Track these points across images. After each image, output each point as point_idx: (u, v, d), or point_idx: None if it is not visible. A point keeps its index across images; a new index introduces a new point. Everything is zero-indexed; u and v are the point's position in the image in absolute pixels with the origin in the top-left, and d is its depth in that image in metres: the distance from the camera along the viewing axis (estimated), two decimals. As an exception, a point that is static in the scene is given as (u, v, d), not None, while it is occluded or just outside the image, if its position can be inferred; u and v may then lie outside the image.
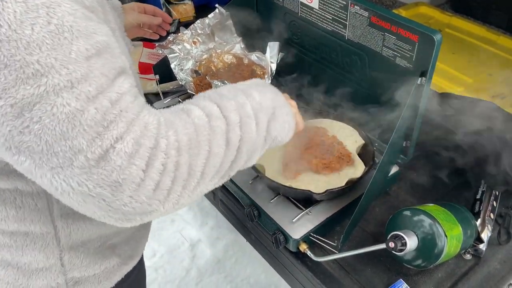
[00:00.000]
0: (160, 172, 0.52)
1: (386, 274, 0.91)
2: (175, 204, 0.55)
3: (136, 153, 0.50)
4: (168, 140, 0.54)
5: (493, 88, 1.39)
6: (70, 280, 0.73)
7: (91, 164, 0.49)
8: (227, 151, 0.60)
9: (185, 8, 1.78)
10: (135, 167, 0.50)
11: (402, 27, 0.94)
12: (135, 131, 0.51)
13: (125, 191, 0.50)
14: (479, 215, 0.99)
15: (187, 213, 2.27)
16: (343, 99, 1.20)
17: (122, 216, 0.53)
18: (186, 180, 0.55)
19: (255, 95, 0.67)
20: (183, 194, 0.56)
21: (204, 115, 0.60)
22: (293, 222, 0.95)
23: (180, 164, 0.54)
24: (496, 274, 0.92)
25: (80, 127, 0.48)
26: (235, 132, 0.62)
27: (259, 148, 0.68)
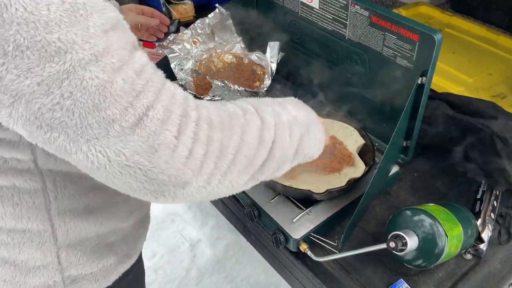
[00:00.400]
0: (192, 139, 0.53)
1: (387, 274, 0.91)
2: (206, 183, 0.56)
3: (168, 119, 0.52)
4: (198, 113, 0.55)
5: (493, 87, 1.39)
6: (67, 278, 0.72)
7: (126, 132, 0.49)
8: (259, 146, 0.61)
9: (185, 8, 1.78)
10: (168, 132, 0.51)
11: (403, 27, 0.94)
12: (163, 100, 0.52)
13: (161, 157, 0.51)
14: (479, 215, 0.99)
15: (187, 213, 2.27)
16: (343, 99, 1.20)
17: (157, 188, 0.53)
18: (218, 158, 0.56)
19: (291, 109, 0.70)
20: (215, 174, 0.56)
21: (239, 109, 0.62)
22: (293, 222, 0.95)
23: (212, 139, 0.55)
24: (497, 274, 0.92)
25: (111, 97, 0.48)
26: (269, 132, 0.63)
27: (290, 159, 0.68)
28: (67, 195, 0.66)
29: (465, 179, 1.13)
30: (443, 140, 1.13)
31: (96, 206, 0.71)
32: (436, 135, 1.13)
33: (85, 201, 0.69)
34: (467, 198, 1.07)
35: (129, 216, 0.78)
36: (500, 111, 1.09)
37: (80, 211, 0.69)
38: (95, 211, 0.71)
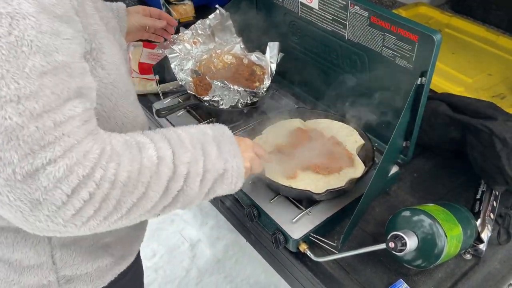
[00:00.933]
0: (85, 200, 0.53)
1: (386, 274, 0.91)
2: (91, 230, 0.57)
3: (65, 178, 0.51)
4: (105, 171, 0.54)
5: (493, 88, 1.40)
6: (62, 278, 0.73)
7: (17, 179, 0.49)
8: (162, 197, 0.62)
9: (185, 8, 1.78)
10: (60, 191, 0.51)
11: (402, 27, 0.94)
12: (71, 157, 0.51)
13: (43, 210, 0.51)
14: (479, 215, 0.99)
15: (187, 213, 2.27)
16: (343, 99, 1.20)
17: (35, 228, 0.54)
18: (110, 213, 0.56)
19: (212, 154, 0.69)
20: (102, 224, 0.57)
21: (156, 157, 0.61)
22: (293, 222, 0.95)
23: (109, 198, 0.55)
24: (496, 274, 0.92)
25: (16, 141, 0.48)
26: (178, 182, 0.63)
27: (196, 201, 0.69)
28: None
29: (465, 179, 1.13)
30: (442, 140, 1.13)
31: None
32: (435, 136, 1.14)
33: None
34: (467, 198, 1.07)
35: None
36: (500, 112, 1.09)
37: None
38: None
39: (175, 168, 0.63)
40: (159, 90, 1.31)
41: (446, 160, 1.18)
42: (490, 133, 1.00)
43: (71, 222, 0.53)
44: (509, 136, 0.98)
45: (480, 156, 1.03)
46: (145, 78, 1.45)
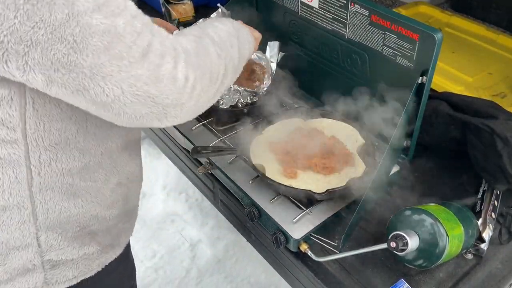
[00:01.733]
0: (185, 69, 0.63)
1: (387, 274, 0.91)
2: (197, 100, 0.66)
3: (165, 53, 0.61)
4: (180, 45, 0.65)
5: (493, 87, 1.39)
6: (47, 263, 0.73)
7: (135, 67, 0.58)
8: (219, 62, 0.72)
9: (185, 8, 1.77)
10: (168, 64, 0.61)
11: (403, 26, 0.93)
12: (158, 38, 0.61)
13: (166, 85, 0.60)
14: (480, 215, 0.99)
15: (187, 213, 2.27)
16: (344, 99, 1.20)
17: (162, 111, 0.62)
18: (201, 79, 0.66)
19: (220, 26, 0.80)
20: (202, 94, 0.66)
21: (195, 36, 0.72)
22: (294, 222, 0.94)
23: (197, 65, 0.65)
24: (498, 273, 0.92)
25: (117, 38, 0.56)
26: (220, 48, 0.73)
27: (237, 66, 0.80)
28: (50, 173, 0.67)
29: (466, 179, 1.12)
30: (443, 139, 1.13)
31: (79, 188, 0.71)
32: (436, 135, 1.13)
33: (68, 181, 0.69)
34: (468, 197, 1.07)
35: (113, 205, 0.78)
36: (500, 111, 1.08)
37: (62, 190, 0.69)
38: (77, 193, 0.71)
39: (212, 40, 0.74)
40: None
41: (447, 160, 1.18)
42: (491, 132, 1.00)
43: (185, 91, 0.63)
44: (510, 135, 0.98)
45: (481, 155, 1.03)
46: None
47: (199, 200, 2.30)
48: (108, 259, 0.82)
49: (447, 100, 1.14)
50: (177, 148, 1.29)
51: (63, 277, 0.75)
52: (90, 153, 0.70)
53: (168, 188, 2.39)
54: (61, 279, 0.75)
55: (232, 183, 1.05)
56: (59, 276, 0.75)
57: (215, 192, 1.20)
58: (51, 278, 0.74)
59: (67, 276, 0.76)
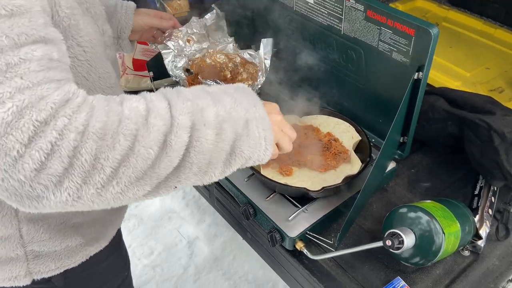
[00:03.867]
0: (47, 152, 0.47)
1: (384, 271, 0.90)
2: (75, 197, 0.50)
3: (16, 122, 0.45)
4: (70, 120, 0.48)
5: (491, 82, 1.38)
6: (30, 253, 0.73)
7: None
8: (162, 155, 0.53)
9: (180, 3, 1.75)
10: (12, 137, 0.45)
11: (398, 21, 0.92)
12: (21, 100, 0.46)
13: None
14: (477, 211, 0.98)
15: (184, 210, 2.26)
16: (339, 95, 1.19)
17: (9, 195, 0.48)
18: (88, 173, 0.49)
19: (226, 102, 0.60)
20: (86, 189, 0.50)
21: (144, 109, 0.54)
22: (289, 220, 0.94)
23: (80, 152, 0.48)
24: (495, 270, 0.91)
25: None
26: (179, 136, 0.54)
27: (219, 163, 0.59)
28: None
29: (463, 175, 1.12)
30: (440, 135, 1.12)
31: None
32: (433, 131, 1.12)
33: None
34: (465, 194, 1.06)
35: None
36: (498, 106, 1.08)
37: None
38: None
39: (172, 120, 0.54)
40: (153, 86, 1.30)
41: (444, 156, 1.17)
42: (488, 128, 0.99)
43: (38, 182, 0.47)
44: (507, 131, 0.97)
45: (478, 151, 1.02)
46: (139, 75, 1.43)
47: (196, 197, 2.30)
48: (92, 251, 0.82)
49: (444, 96, 1.13)
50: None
51: (46, 267, 0.76)
52: None
53: (165, 185, 2.38)
54: (44, 269, 0.76)
55: (227, 181, 1.04)
56: (42, 266, 0.75)
57: (210, 190, 1.19)
58: (34, 267, 0.75)
59: (50, 267, 0.76)
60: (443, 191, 1.08)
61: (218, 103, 0.60)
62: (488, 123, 0.99)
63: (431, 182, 1.10)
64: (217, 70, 1.26)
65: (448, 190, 1.08)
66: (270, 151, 0.65)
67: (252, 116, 0.62)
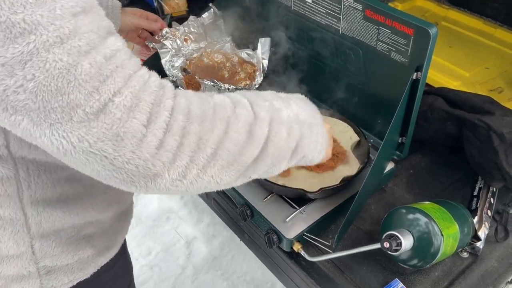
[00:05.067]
0: (164, 130, 0.51)
1: (382, 273, 0.90)
2: (181, 176, 0.54)
3: (136, 106, 0.50)
4: (175, 103, 0.53)
5: (490, 82, 1.38)
6: (42, 269, 0.71)
7: (90, 118, 0.48)
8: (248, 143, 0.58)
9: (177, 2, 1.74)
10: (136, 120, 0.50)
11: (397, 21, 0.91)
12: (133, 86, 0.51)
13: (126, 146, 0.50)
14: (476, 212, 0.97)
15: (182, 210, 2.26)
16: (337, 95, 1.18)
17: (126, 177, 0.52)
18: (194, 152, 0.53)
19: (294, 106, 0.68)
20: (191, 168, 0.54)
21: (230, 101, 0.60)
22: (287, 221, 0.93)
23: (188, 132, 0.53)
24: (494, 272, 0.91)
25: (75, 81, 0.47)
26: (261, 128, 0.60)
27: (287, 158, 0.66)
28: (41, 185, 0.65)
29: (461, 176, 1.11)
30: (439, 136, 1.12)
31: (72, 196, 0.69)
32: (431, 131, 1.12)
33: (60, 191, 0.67)
34: (464, 195, 1.05)
35: (107, 209, 0.76)
36: (497, 106, 1.07)
37: (54, 201, 0.67)
38: (70, 201, 0.69)
39: (255, 114, 0.60)
40: (150, 86, 1.29)
41: (443, 156, 1.16)
42: (487, 128, 0.98)
43: (158, 158, 0.51)
44: (506, 131, 0.96)
45: (477, 151, 1.02)
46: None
47: (194, 197, 2.29)
48: (103, 261, 0.81)
49: (443, 96, 1.12)
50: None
51: (59, 282, 0.74)
52: None
53: (164, 185, 2.38)
54: (56, 284, 0.74)
55: (224, 182, 1.03)
56: (55, 281, 0.74)
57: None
58: (47, 283, 0.73)
59: (63, 281, 0.75)
60: (442, 192, 1.07)
61: (289, 106, 0.67)
62: (487, 124, 0.99)
63: (430, 183, 1.10)
64: (215, 69, 1.25)
65: (447, 191, 1.08)
66: (322, 154, 0.74)
67: (314, 122, 0.71)
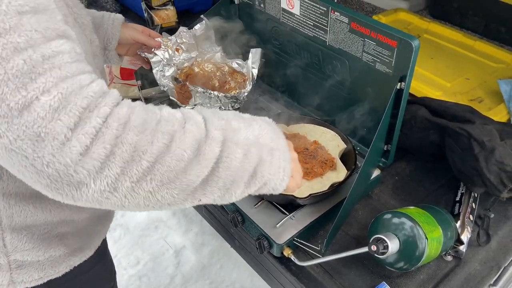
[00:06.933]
0: (92, 137, 0.49)
1: (370, 277, 0.92)
2: (111, 188, 0.51)
3: (63, 108, 0.48)
4: (112, 111, 0.51)
5: (471, 92, 1.43)
6: (13, 262, 0.72)
7: (13, 114, 0.47)
8: (195, 161, 0.55)
9: (167, 13, 1.77)
10: (60, 122, 0.48)
11: (381, 33, 0.95)
12: (65, 88, 0.49)
13: (46, 147, 0.48)
14: (458, 217, 1.01)
15: (171, 219, 2.26)
16: (325, 104, 1.21)
17: (50, 183, 0.50)
18: (127, 163, 0.51)
19: (256, 128, 0.64)
20: (122, 180, 0.51)
21: (181, 116, 0.57)
22: (277, 227, 0.95)
23: (122, 141, 0.51)
24: (477, 275, 0.94)
25: (4, 75, 0.47)
26: (211, 148, 0.57)
27: (241, 184, 0.61)
28: (14, 178, 0.66)
29: (444, 182, 1.15)
30: (422, 144, 1.15)
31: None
32: (415, 139, 1.15)
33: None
34: (447, 200, 1.09)
35: (82, 209, 0.76)
36: (477, 115, 1.11)
37: (26, 196, 0.68)
38: (43, 198, 0.69)
39: (208, 132, 0.57)
40: (141, 96, 1.31)
41: (426, 163, 1.20)
42: (469, 137, 1.02)
43: (82, 166, 0.49)
44: (486, 139, 1.00)
45: (459, 159, 1.05)
46: (127, 84, 1.44)
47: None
48: (76, 262, 0.81)
49: (425, 105, 1.16)
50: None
51: (29, 277, 0.75)
52: None
53: (152, 194, 2.38)
54: (27, 279, 0.75)
55: (215, 189, 1.05)
56: (25, 276, 0.75)
57: (198, 198, 1.20)
58: (17, 277, 0.74)
59: (33, 277, 0.76)
60: (425, 198, 1.11)
61: (249, 127, 0.63)
62: (468, 132, 1.03)
63: (414, 189, 1.13)
64: (206, 79, 1.27)
65: (431, 197, 1.11)
66: (285, 181, 0.68)
67: (276, 146, 0.66)
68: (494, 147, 0.99)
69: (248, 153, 0.61)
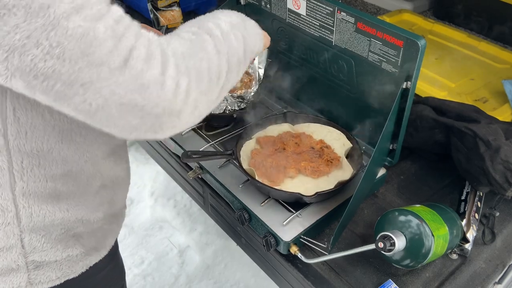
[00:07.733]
0: (175, 73, 0.59)
1: (376, 274, 0.93)
2: (195, 106, 0.62)
3: (151, 58, 0.57)
4: (171, 49, 0.61)
5: (475, 92, 1.43)
6: (31, 263, 0.73)
7: (116, 73, 0.54)
8: (219, 59, 0.67)
9: (173, 14, 1.78)
10: (154, 70, 0.57)
11: (388, 33, 0.96)
12: (143, 42, 0.57)
13: (152, 92, 0.56)
14: (464, 216, 1.01)
15: (176, 219, 2.26)
16: (331, 104, 1.22)
17: (155, 121, 0.58)
18: (197, 83, 0.62)
19: (223, 17, 0.76)
20: (200, 98, 0.63)
21: (191, 34, 0.68)
22: (284, 224, 0.96)
23: (189, 68, 0.61)
24: (482, 273, 0.94)
25: (96, 42, 0.53)
26: (221, 43, 0.69)
27: (242, 59, 0.75)
28: (33, 178, 0.67)
29: (450, 181, 1.15)
30: (428, 143, 1.16)
31: (63, 193, 0.71)
32: (421, 138, 1.16)
33: (52, 186, 0.69)
34: (452, 199, 1.10)
35: (98, 208, 0.78)
36: (483, 115, 1.12)
37: (45, 195, 0.69)
38: (61, 197, 0.71)
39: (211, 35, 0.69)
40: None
41: (432, 162, 1.21)
42: (474, 136, 1.03)
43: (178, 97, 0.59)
44: (492, 138, 1.01)
45: (464, 158, 1.06)
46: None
47: (188, 206, 2.30)
48: (92, 261, 0.82)
49: (431, 105, 1.17)
50: (167, 153, 1.29)
51: (47, 278, 0.76)
52: (73, 160, 0.70)
53: (156, 194, 2.38)
54: (44, 280, 0.76)
55: (223, 187, 1.06)
56: (43, 276, 0.75)
57: (205, 196, 1.21)
58: (35, 278, 0.75)
59: (50, 277, 0.76)
60: (431, 197, 1.12)
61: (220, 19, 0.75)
62: (473, 131, 1.03)
63: (420, 188, 1.14)
64: None
65: (436, 196, 1.12)
66: (262, 40, 0.83)
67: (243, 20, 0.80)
68: (500, 146, 0.99)
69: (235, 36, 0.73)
